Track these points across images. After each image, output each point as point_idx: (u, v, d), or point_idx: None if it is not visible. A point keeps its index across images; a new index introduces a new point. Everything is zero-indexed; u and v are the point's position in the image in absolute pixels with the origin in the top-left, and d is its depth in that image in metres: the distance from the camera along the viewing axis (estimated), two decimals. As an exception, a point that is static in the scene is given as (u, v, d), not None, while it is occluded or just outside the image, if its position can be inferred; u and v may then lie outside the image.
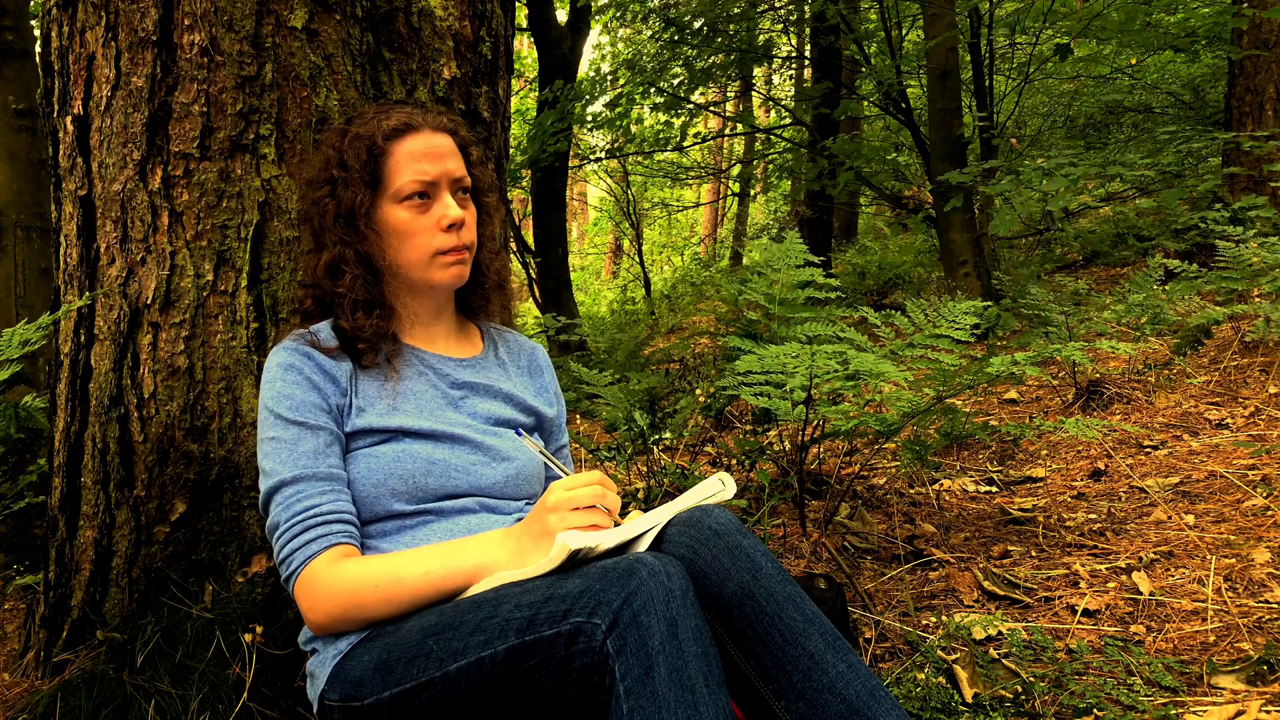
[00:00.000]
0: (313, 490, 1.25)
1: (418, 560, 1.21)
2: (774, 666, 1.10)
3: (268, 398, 1.30)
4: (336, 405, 1.31)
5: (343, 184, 1.34)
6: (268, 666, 1.58)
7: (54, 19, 1.78)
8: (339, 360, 1.34)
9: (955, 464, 3.05)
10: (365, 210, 1.34)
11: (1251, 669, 1.52)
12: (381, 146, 1.34)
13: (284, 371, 1.30)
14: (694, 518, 1.19)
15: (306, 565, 1.21)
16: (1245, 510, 2.24)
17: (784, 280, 2.71)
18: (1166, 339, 3.93)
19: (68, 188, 1.78)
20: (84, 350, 1.74)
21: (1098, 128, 9.41)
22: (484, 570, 1.19)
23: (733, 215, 16.99)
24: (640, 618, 0.99)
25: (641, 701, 0.97)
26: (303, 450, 1.26)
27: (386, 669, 1.14)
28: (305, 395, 1.29)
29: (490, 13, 1.92)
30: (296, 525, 1.22)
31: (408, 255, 1.36)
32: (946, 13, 6.11)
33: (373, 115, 1.39)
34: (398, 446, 1.31)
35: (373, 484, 1.29)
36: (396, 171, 1.33)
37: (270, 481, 1.26)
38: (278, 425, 1.27)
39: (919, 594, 2.05)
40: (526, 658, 1.04)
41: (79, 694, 1.51)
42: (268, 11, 1.64)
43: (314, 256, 1.39)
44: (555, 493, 1.18)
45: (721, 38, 7.72)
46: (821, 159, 7.08)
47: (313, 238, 1.39)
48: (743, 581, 1.13)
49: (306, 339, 1.36)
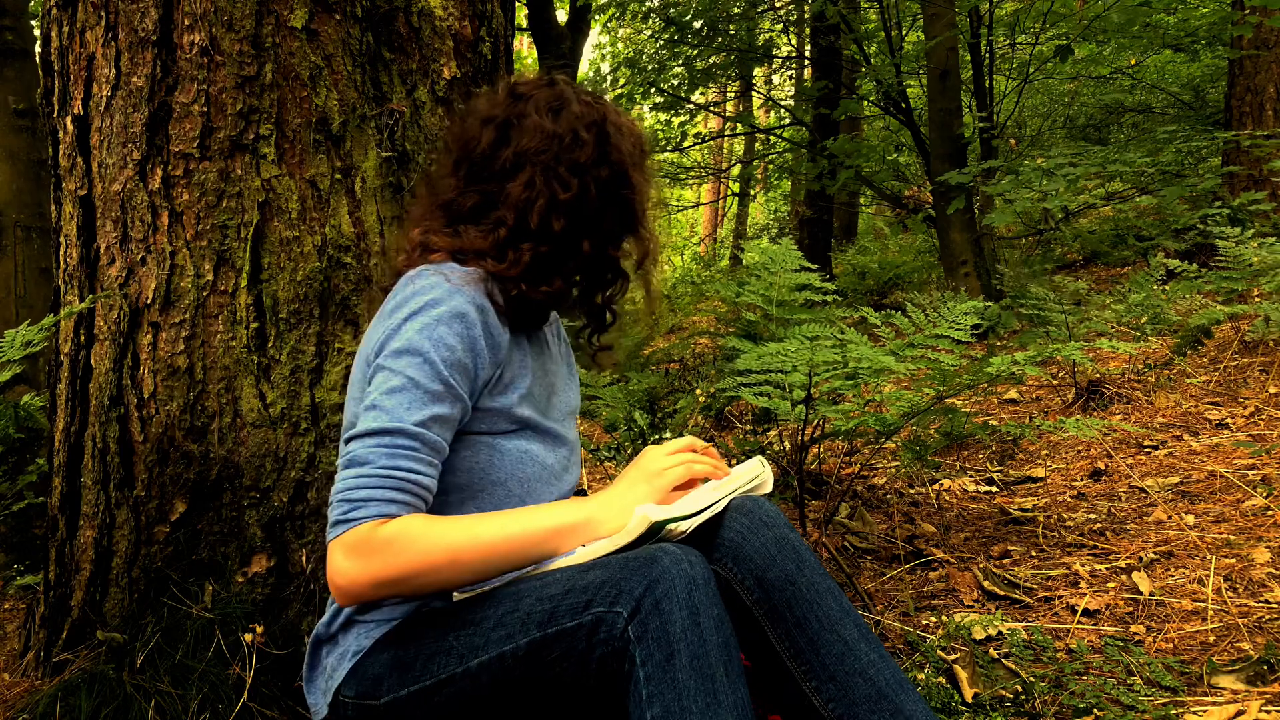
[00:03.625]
0: (424, 456, 1.12)
1: (494, 519, 1.13)
2: (808, 648, 1.12)
3: (424, 332, 1.14)
4: (483, 379, 1.20)
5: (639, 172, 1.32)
6: (268, 666, 1.58)
7: (54, 19, 1.78)
8: (503, 324, 1.23)
9: (955, 464, 3.05)
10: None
11: (1251, 669, 1.52)
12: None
13: (453, 318, 1.16)
14: (745, 506, 1.21)
15: (373, 522, 1.08)
16: (1245, 510, 2.24)
17: (782, 282, 2.71)
18: (1166, 339, 3.93)
19: (68, 188, 1.78)
20: (84, 350, 1.74)
21: (1098, 128, 9.41)
22: (563, 534, 1.13)
23: (733, 215, 16.99)
24: (662, 605, 1.00)
25: (661, 688, 0.97)
26: (435, 413, 1.13)
27: (404, 667, 1.13)
28: (463, 356, 1.16)
29: (490, 13, 1.93)
30: (390, 479, 1.09)
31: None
32: (946, 13, 6.11)
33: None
34: (521, 445, 1.25)
35: (490, 480, 1.22)
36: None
37: (385, 420, 1.11)
38: (423, 369, 1.13)
39: (919, 594, 2.05)
40: (548, 651, 1.04)
41: (79, 694, 1.51)
42: (268, 11, 1.64)
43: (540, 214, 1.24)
44: (656, 458, 1.19)
45: (721, 38, 7.73)
46: (821, 159, 7.08)
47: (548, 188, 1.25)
48: (786, 569, 1.15)
49: (486, 288, 1.22)
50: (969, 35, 6.45)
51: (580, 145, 1.26)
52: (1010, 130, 8.40)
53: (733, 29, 7.88)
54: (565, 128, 1.26)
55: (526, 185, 1.24)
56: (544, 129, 1.26)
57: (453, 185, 1.31)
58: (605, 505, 1.18)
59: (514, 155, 1.26)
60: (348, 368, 1.70)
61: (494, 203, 1.27)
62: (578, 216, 1.26)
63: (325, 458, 1.69)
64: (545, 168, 1.24)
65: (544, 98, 1.29)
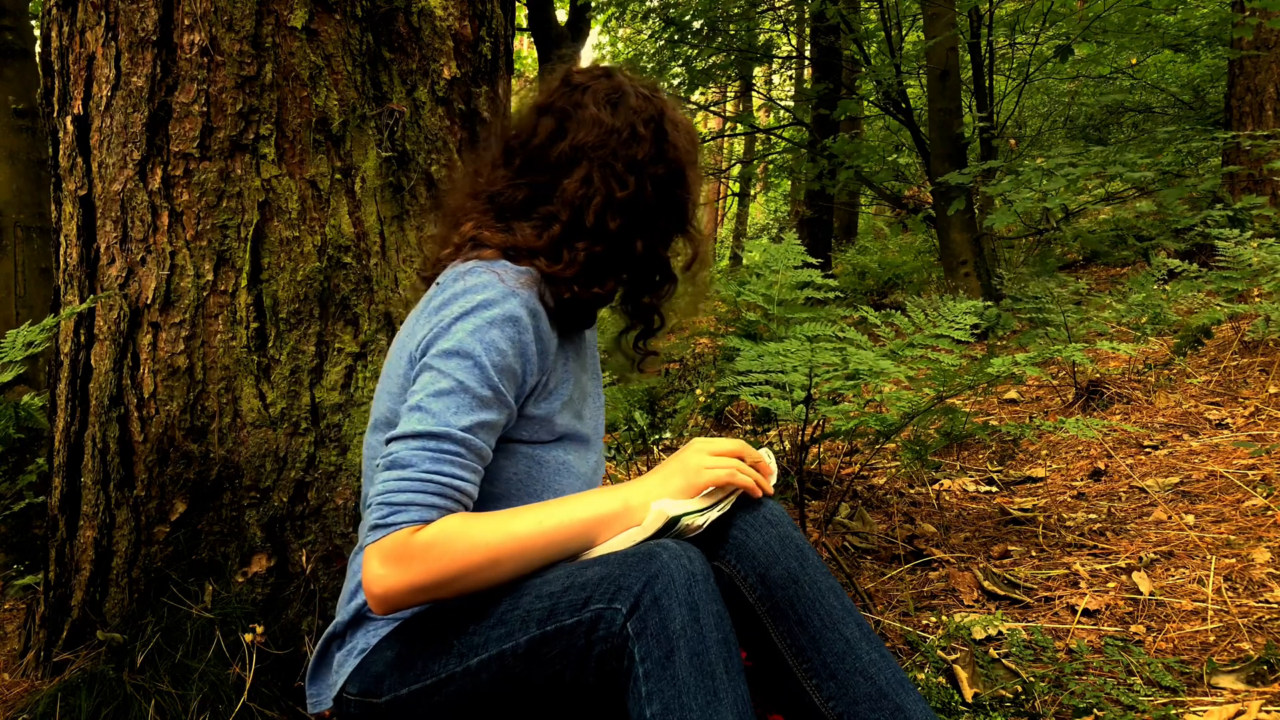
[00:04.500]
0: (469, 462, 1.10)
1: (531, 513, 1.10)
2: (810, 646, 1.12)
3: (476, 335, 1.11)
4: (529, 386, 1.18)
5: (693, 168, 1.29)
6: (268, 666, 1.58)
7: (54, 19, 1.78)
8: (553, 329, 1.20)
9: (955, 464, 3.04)
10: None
11: (1251, 669, 1.52)
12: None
13: (506, 322, 1.12)
14: (749, 504, 1.20)
15: (411, 528, 1.04)
16: (1245, 510, 2.24)
17: (783, 281, 2.71)
18: (1166, 339, 3.93)
19: (68, 188, 1.78)
20: (84, 350, 1.74)
21: (1098, 128, 9.41)
22: (602, 524, 1.11)
23: (733, 215, 16.98)
24: (662, 600, 0.99)
25: (661, 684, 0.97)
26: (482, 419, 1.10)
27: (405, 665, 1.13)
28: (513, 362, 1.13)
29: (490, 13, 1.93)
30: (432, 484, 1.06)
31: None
32: (946, 13, 6.11)
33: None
34: (559, 456, 1.24)
35: (527, 492, 1.20)
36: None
37: (431, 423, 1.08)
38: (473, 373, 1.10)
39: (919, 594, 2.05)
40: (548, 648, 1.03)
41: (79, 694, 1.51)
42: (268, 11, 1.64)
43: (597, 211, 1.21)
44: (700, 455, 1.17)
45: (721, 38, 7.73)
46: (821, 159, 7.08)
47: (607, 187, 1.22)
48: (790, 567, 1.14)
49: (539, 290, 1.18)
50: (969, 35, 6.45)
51: (638, 141, 1.22)
52: (1010, 130, 8.41)
53: (733, 29, 7.88)
54: (623, 122, 1.22)
55: (583, 181, 1.20)
56: (602, 123, 1.22)
57: (503, 176, 1.27)
58: (644, 493, 1.15)
59: (570, 149, 1.21)
60: (348, 368, 1.70)
61: (546, 197, 1.23)
62: (633, 215, 1.22)
63: (325, 458, 1.69)
64: (603, 163, 1.20)
65: (602, 89, 1.25)
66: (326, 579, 1.67)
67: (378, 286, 1.73)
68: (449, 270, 1.22)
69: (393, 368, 1.23)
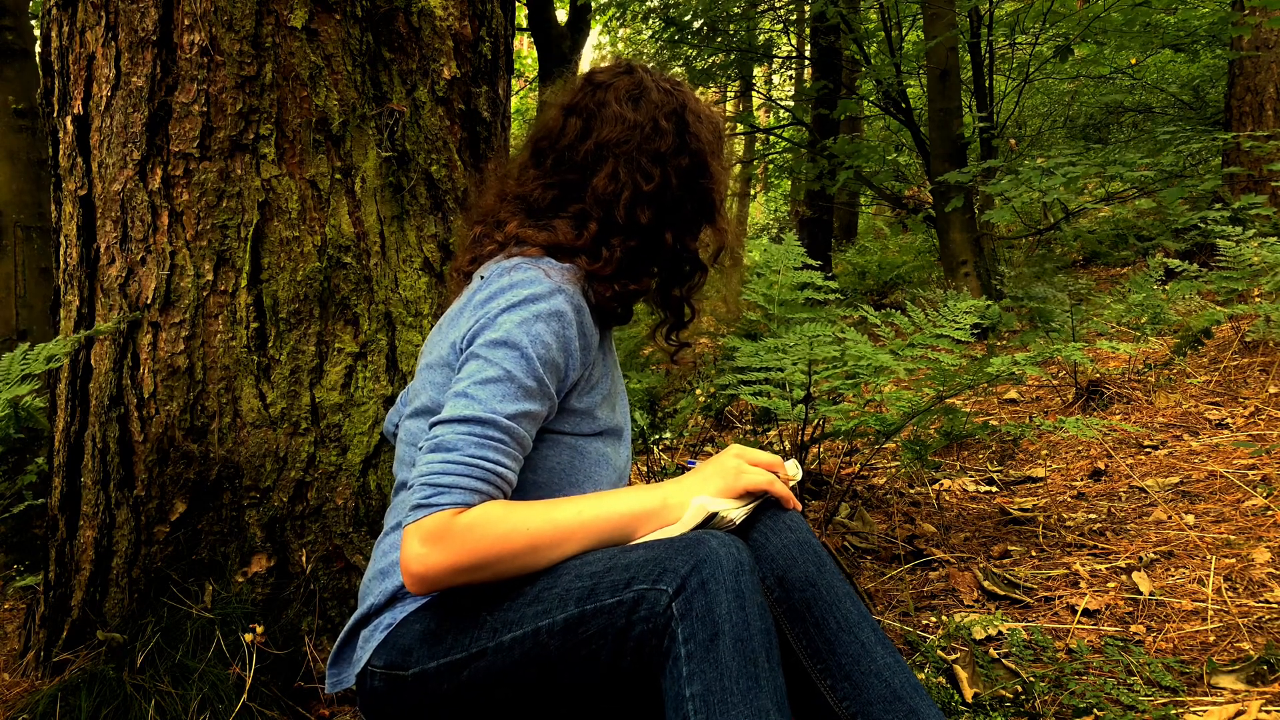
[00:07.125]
0: (511, 450, 1.11)
1: (572, 504, 1.13)
2: (825, 648, 1.13)
3: (522, 327, 1.13)
4: (571, 380, 1.20)
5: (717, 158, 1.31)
6: (268, 666, 1.58)
7: (54, 19, 1.78)
8: (595, 324, 1.22)
9: (955, 464, 3.04)
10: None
11: (1251, 669, 1.52)
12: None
13: (551, 316, 1.15)
14: (769, 509, 1.22)
15: (453, 510, 1.06)
16: (1245, 510, 2.24)
17: (783, 281, 2.71)
18: (1167, 339, 3.93)
19: (68, 188, 1.78)
20: (84, 350, 1.74)
21: (1098, 128, 9.41)
22: (641, 519, 1.13)
23: (732, 215, 16.94)
24: (709, 585, 1.00)
25: (704, 666, 0.97)
26: (526, 408, 1.12)
27: (436, 639, 1.12)
28: (556, 356, 1.16)
29: (490, 13, 1.92)
30: (476, 468, 1.08)
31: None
32: (946, 13, 6.11)
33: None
34: (600, 448, 1.26)
35: (568, 481, 1.22)
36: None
37: (476, 409, 1.10)
38: (519, 363, 1.12)
39: (919, 594, 2.05)
40: (585, 627, 1.03)
41: (79, 694, 1.51)
42: (268, 11, 1.64)
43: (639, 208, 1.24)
44: (738, 460, 1.19)
45: (721, 38, 7.73)
46: (821, 159, 7.08)
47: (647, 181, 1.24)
48: (808, 571, 1.15)
49: (583, 287, 1.22)
50: (969, 35, 6.45)
51: (661, 135, 1.24)
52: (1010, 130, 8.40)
53: (732, 29, 7.88)
54: (645, 117, 1.25)
55: (610, 177, 1.23)
56: (625, 119, 1.24)
57: (534, 177, 1.29)
58: (684, 492, 1.17)
59: (596, 146, 1.24)
60: (348, 368, 1.70)
61: (576, 195, 1.26)
62: (660, 207, 1.25)
63: (325, 458, 1.69)
64: (628, 158, 1.23)
65: (623, 86, 1.28)
66: (326, 579, 1.67)
67: (378, 286, 1.73)
68: (493, 265, 1.24)
69: (433, 355, 1.25)
